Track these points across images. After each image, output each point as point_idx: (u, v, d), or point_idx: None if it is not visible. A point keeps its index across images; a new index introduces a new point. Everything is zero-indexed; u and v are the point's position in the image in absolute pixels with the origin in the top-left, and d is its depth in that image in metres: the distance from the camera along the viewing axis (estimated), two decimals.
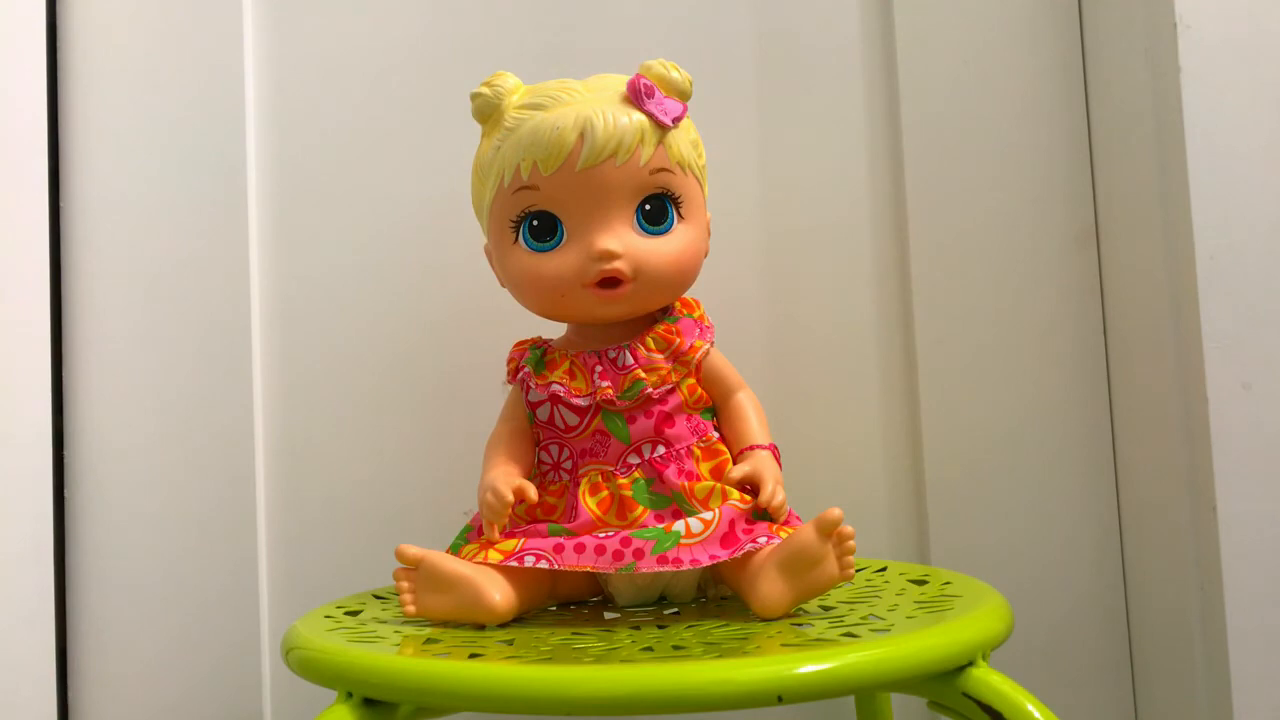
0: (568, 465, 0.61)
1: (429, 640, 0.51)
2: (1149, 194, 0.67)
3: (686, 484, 0.58)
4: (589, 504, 0.59)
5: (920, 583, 0.60)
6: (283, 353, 0.79)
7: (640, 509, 0.58)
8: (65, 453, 0.78)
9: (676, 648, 0.48)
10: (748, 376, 0.63)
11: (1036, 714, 0.44)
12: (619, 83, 0.59)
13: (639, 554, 0.54)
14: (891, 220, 0.77)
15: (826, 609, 0.55)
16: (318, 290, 0.79)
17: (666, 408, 0.60)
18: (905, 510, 0.76)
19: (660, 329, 0.61)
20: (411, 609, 0.55)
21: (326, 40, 0.80)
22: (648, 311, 0.62)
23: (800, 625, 0.52)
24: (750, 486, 0.58)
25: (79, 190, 0.79)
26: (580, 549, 0.55)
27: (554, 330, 0.65)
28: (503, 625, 0.54)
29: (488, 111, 0.60)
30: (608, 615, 0.59)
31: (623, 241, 0.58)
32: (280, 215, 0.79)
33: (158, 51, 0.79)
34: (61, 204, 0.79)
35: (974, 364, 0.75)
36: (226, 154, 0.79)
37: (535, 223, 0.59)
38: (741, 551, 0.54)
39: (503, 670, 0.44)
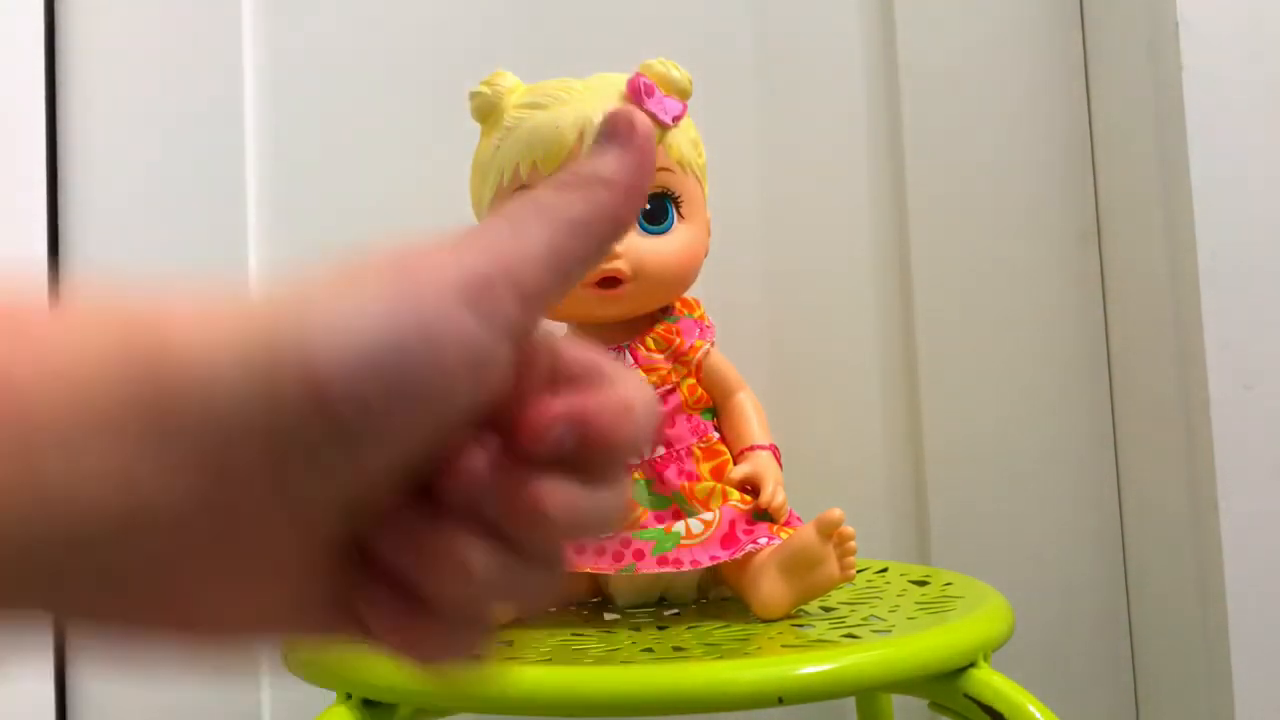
0: None
1: None
2: (1150, 193, 0.67)
3: (687, 484, 0.58)
4: None
5: (921, 583, 0.59)
6: None
7: (640, 509, 0.58)
8: None
9: (677, 649, 0.48)
10: (748, 376, 0.63)
11: (1038, 715, 0.44)
12: (619, 82, 0.59)
13: (639, 555, 0.54)
14: (892, 220, 0.77)
15: (827, 610, 0.54)
16: None
17: (666, 408, 0.60)
18: (905, 511, 0.76)
19: (660, 329, 0.61)
20: None
21: (326, 40, 0.80)
22: (647, 311, 0.61)
23: (801, 626, 0.51)
24: (751, 487, 0.58)
25: (78, 190, 0.79)
26: (580, 549, 0.55)
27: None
28: (502, 625, 0.54)
29: (487, 111, 0.60)
30: (608, 616, 0.58)
31: (622, 241, 0.58)
32: (280, 214, 0.79)
33: (158, 50, 0.79)
34: (60, 204, 0.79)
35: (975, 364, 0.75)
36: (226, 153, 0.78)
37: None
38: (742, 552, 0.54)
39: (502, 671, 0.44)
